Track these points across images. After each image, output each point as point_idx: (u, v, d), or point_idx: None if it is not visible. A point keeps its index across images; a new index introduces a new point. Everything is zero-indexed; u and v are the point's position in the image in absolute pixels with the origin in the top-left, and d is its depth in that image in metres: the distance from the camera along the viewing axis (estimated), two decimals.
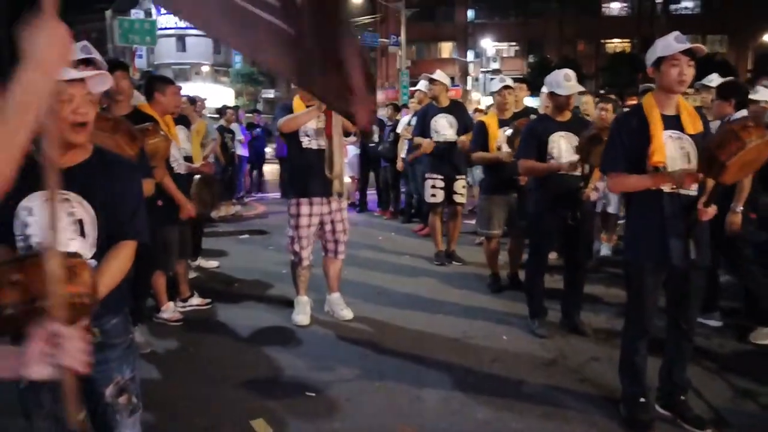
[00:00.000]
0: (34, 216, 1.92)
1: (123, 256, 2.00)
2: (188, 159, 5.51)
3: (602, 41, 46.11)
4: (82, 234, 1.96)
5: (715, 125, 4.40)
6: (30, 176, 1.85)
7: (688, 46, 3.16)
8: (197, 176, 5.43)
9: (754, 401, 3.80)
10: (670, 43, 3.22)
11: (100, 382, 2.04)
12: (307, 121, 4.82)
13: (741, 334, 4.74)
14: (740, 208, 4.48)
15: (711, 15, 41.40)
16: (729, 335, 4.83)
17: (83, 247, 1.94)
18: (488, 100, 29.47)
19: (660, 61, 3.24)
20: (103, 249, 1.99)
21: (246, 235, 9.07)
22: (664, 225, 3.26)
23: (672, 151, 3.26)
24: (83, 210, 1.96)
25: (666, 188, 3.24)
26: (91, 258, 1.95)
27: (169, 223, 4.75)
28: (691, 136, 3.29)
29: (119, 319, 2.12)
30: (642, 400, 3.49)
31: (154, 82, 4.98)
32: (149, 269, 4.64)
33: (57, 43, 1.20)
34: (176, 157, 5.02)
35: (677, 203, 3.26)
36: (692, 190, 3.26)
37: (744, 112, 4.67)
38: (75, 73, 1.89)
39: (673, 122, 3.29)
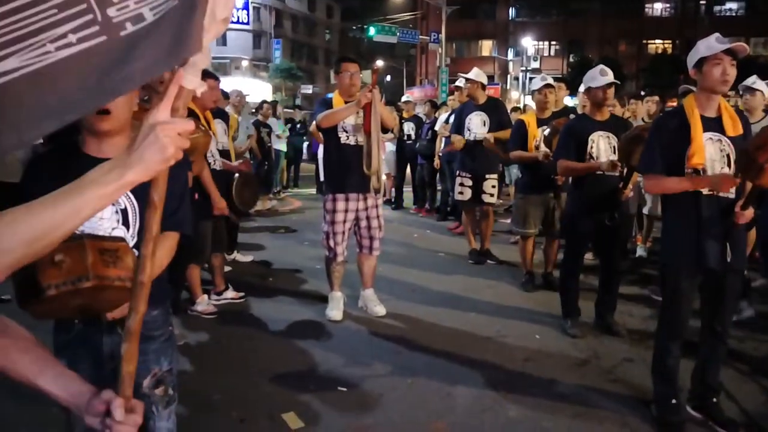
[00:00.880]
0: None
1: (165, 247, 2.01)
2: (225, 153, 5.60)
3: (644, 42, 45.45)
4: (125, 224, 1.99)
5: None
6: (73, 165, 1.91)
7: (729, 45, 3.13)
8: (237, 175, 5.49)
9: None
10: (712, 44, 3.19)
11: (137, 373, 2.06)
12: (346, 116, 4.86)
13: None
14: None
15: (755, 17, 40.50)
16: (763, 338, 4.76)
17: (125, 236, 1.97)
18: (527, 100, 29.28)
19: (702, 61, 3.21)
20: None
21: (281, 231, 9.17)
22: (700, 227, 3.22)
23: (712, 153, 3.23)
24: (127, 200, 1.99)
25: (704, 191, 3.21)
26: (133, 248, 1.96)
27: (204, 218, 4.83)
28: (731, 138, 3.26)
29: (159, 311, 2.15)
30: (674, 401, 3.47)
31: None
32: (184, 262, 4.73)
33: (164, 152, 1.06)
34: (213, 153, 5.12)
35: (715, 206, 3.23)
36: (730, 192, 3.23)
37: None
38: None
39: (713, 124, 3.26)
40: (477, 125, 6.95)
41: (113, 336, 2.03)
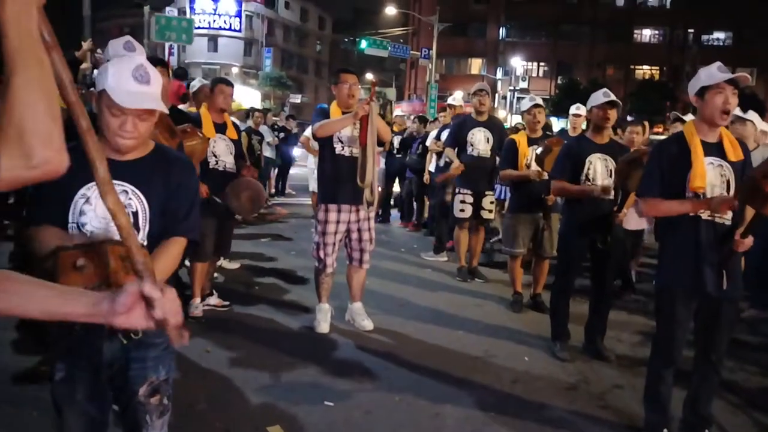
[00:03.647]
0: (91, 205, 1.93)
1: (173, 253, 2.00)
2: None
3: (632, 67, 46.05)
4: (135, 227, 1.96)
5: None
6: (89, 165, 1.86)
7: (732, 75, 3.15)
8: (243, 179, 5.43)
9: None
10: (714, 73, 3.21)
11: (134, 381, 2.03)
12: (343, 127, 4.82)
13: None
14: None
15: (743, 47, 41.31)
16: (753, 369, 4.76)
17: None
18: (515, 119, 29.42)
19: (704, 90, 3.21)
20: (153, 243, 1.99)
21: (268, 239, 9.08)
22: (698, 252, 3.22)
23: (712, 178, 3.23)
24: (138, 203, 1.98)
25: (704, 215, 3.20)
26: None
27: (206, 215, 4.74)
28: (731, 163, 3.26)
29: None
30: (665, 431, 3.43)
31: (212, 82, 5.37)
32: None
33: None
34: (217, 154, 5.18)
35: (712, 231, 3.22)
36: (727, 218, 3.22)
37: None
38: (130, 101, 1.86)
39: (714, 149, 3.27)
40: (480, 141, 6.90)
41: (114, 342, 1.99)
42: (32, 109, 1.04)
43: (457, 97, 8.61)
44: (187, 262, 5.35)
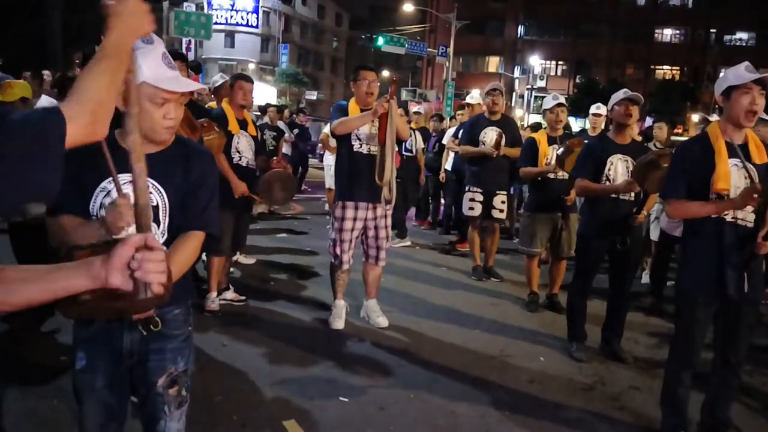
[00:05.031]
0: (111, 198, 1.92)
1: (191, 247, 1.98)
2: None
3: (652, 67, 45.65)
4: (155, 220, 1.95)
5: None
6: (116, 154, 1.86)
7: (759, 75, 3.11)
8: (274, 171, 5.48)
9: None
10: (742, 73, 3.17)
11: (153, 371, 2.04)
12: (362, 124, 4.81)
13: None
14: None
15: (765, 48, 40.67)
16: None
17: (156, 233, 1.94)
18: (533, 118, 29.27)
19: (731, 90, 3.18)
20: (172, 237, 1.99)
21: (284, 234, 9.11)
22: (722, 255, 3.18)
23: (736, 179, 3.19)
24: (158, 197, 1.97)
25: (727, 217, 3.17)
26: (163, 244, 1.94)
27: (223, 208, 4.76)
28: (756, 166, 3.22)
29: (181, 311, 2.11)
30: None
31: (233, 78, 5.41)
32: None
33: (140, 11, 1.49)
34: (240, 150, 5.20)
35: (735, 234, 3.19)
36: (750, 221, 3.18)
37: None
38: (173, 84, 1.92)
39: (739, 151, 3.22)
40: (493, 140, 6.89)
41: (134, 333, 2.01)
42: (97, 82, 1.34)
43: (475, 96, 8.53)
44: (203, 257, 5.38)
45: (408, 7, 35.58)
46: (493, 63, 47.51)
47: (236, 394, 3.75)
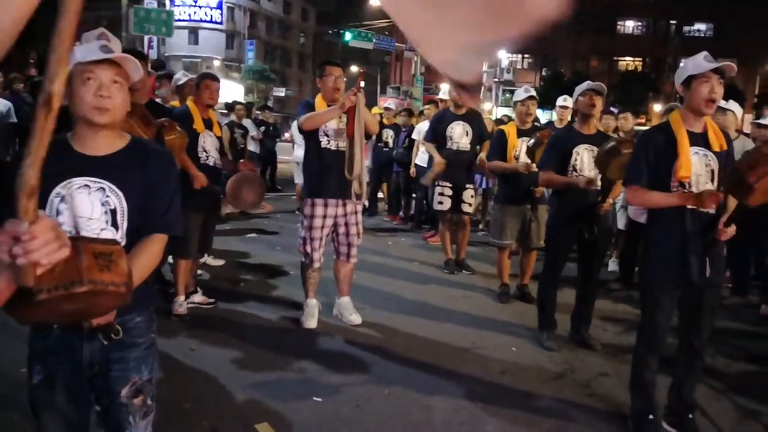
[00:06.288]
0: (66, 203, 1.85)
1: (152, 250, 1.93)
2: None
3: (615, 59, 46.25)
4: (114, 225, 1.90)
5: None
6: (64, 162, 1.81)
7: (718, 64, 3.17)
8: (241, 174, 5.42)
9: (759, 422, 3.80)
10: (701, 63, 3.22)
11: (116, 382, 1.98)
12: (329, 119, 4.78)
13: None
14: None
15: (723, 39, 41.56)
16: (735, 355, 4.84)
17: (115, 238, 1.87)
18: (501, 111, 29.43)
19: (690, 79, 3.23)
20: (133, 241, 1.92)
21: (253, 234, 9.04)
22: (684, 242, 3.24)
23: (697, 167, 3.26)
24: (117, 200, 1.90)
25: (689, 205, 3.23)
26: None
27: (190, 209, 4.68)
28: (716, 153, 3.29)
29: (143, 318, 2.05)
30: (650, 417, 3.47)
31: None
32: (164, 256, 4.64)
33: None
34: (207, 150, 5.13)
35: (697, 221, 3.25)
36: (711, 209, 3.24)
37: None
38: (98, 54, 1.83)
39: (699, 139, 3.29)
40: (459, 135, 6.92)
41: (93, 343, 1.93)
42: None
43: (446, 91, 8.55)
44: (170, 260, 5.31)
45: (375, 2, 35.42)
46: None
47: (206, 399, 3.69)
